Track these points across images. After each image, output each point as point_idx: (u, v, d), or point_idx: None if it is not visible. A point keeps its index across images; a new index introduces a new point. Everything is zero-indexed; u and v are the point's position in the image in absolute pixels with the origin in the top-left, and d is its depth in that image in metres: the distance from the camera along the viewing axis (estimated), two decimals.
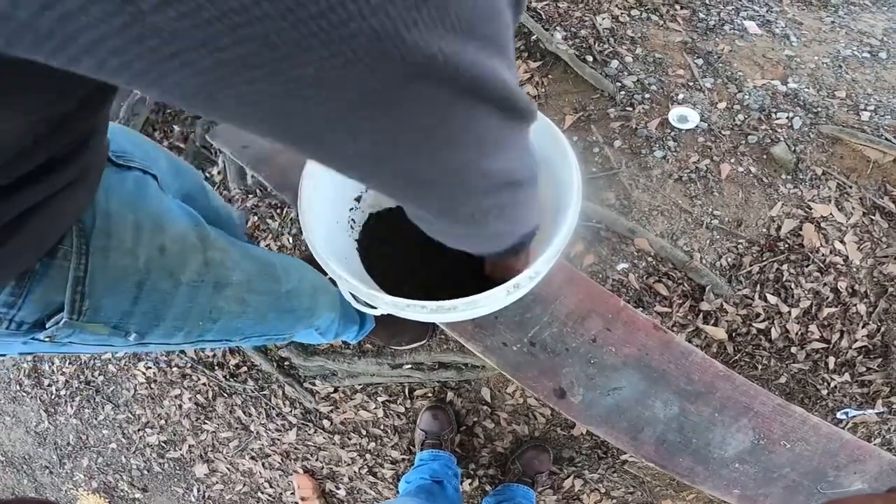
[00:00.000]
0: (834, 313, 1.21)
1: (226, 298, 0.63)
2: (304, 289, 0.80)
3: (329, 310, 0.90)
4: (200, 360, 1.58)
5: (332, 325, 0.96)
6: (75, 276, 0.48)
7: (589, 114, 1.35)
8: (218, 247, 0.64)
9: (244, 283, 0.66)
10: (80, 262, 0.48)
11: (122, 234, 0.52)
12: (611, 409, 0.90)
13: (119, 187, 0.55)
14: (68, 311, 0.48)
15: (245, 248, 0.71)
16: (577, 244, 1.26)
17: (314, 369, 1.48)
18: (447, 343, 1.37)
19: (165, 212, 0.58)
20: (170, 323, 0.58)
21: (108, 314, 0.51)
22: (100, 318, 0.51)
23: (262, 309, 0.71)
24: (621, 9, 1.48)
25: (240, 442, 1.56)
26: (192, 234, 0.60)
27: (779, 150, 1.24)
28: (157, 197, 0.59)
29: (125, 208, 0.54)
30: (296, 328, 0.83)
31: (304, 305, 0.80)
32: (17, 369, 1.82)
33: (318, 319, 0.87)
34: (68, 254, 0.47)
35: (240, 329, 0.70)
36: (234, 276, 0.64)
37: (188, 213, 0.63)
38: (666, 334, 0.90)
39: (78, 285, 0.48)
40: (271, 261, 0.75)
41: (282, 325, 0.77)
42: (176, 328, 0.59)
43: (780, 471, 0.90)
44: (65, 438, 1.76)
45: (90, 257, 0.49)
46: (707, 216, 1.24)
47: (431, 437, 1.35)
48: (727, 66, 1.37)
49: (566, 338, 0.88)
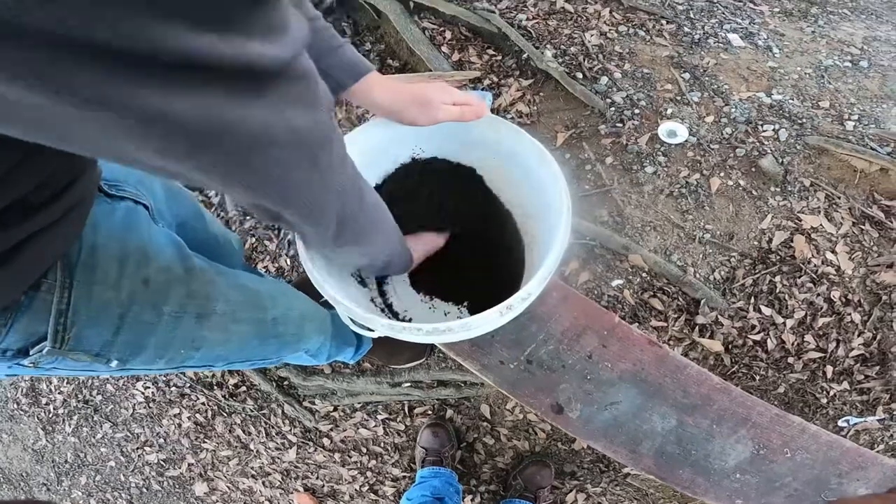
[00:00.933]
0: (829, 323, 1.22)
1: (209, 328, 0.65)
2: (291, 316, 0.81)
3: (317, 334, 0.90)
4: (199, 379, 1.58)
5: (324, 348, 0.97)
6: (58, 309, 0.49)
7: (580, 131, 1.37)
8: (203, 278, 0.65)
9: (228, 313, 0.67)
10: (63, 295, 0.50)
11: (107, 268, 0.53)
12: (609, 423, 0.90)
13: (107, 219, 0.56)
14: (51, 341, 0.50)
15: (233, 276, 0.72)
16: (572, 262, 1.27)
17: (313, 388, 1.48)
18: (445, 361, 1.37)
19: (152, 243, 0.60)
20: (151, 351, 0.59)
21: (90, 344, 0.53)
22: (81, 348, 0.52)
23: (245, 337, 0.72)
24: (609, 25, 1.51)
25: (239, 460, 1.56)
26: (177, 266, 0.61)
27: (766, 162, 1.26)
28: (145, 228, 0.60)
29: (112, 241, 0.55)
30: (282, 353, 0.84)
31: (291, 332, 0.81)
32: (15, 388, 1.82)
33: (305, 344, 0.88)
34: (52, 287, 0.49)
35: (222, 356, 0.71)
36: (217, 306, 0.65)
37: (175, 243, 0.64)
38: (661, 349, 0.91)
39: (61, 317, 0.50)
40: (258, 289, 0.76)
41: (266, 350, 0.78)
42: (158, 356, 0.61)
43: (781, 480, 0.91)
44: (63, 456, 1.75)
45: (73, 291, 0.50)
46: (699, 230, 1.26)
47: (432, 454, 1.34)
48: (713, 79, 1.40)
49: (562, 355, 0.89)
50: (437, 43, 1.53)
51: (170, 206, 0.78)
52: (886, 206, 1.25)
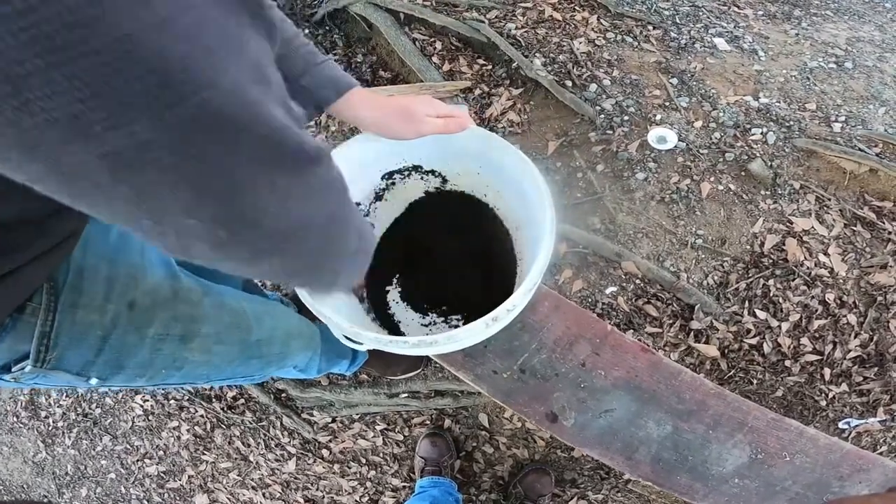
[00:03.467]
0: (824, 325, 1.22)
1: (191, 350, 0.65)
2: (276, 336, 0.82)
3: (303, 351, 0.91)
4: (198, 392, 1.58)
5: (312, 363, 0.98)
6: (42, 331, 0.51)
7: (571, 139, 1.38)
8: (190, 300, 0.65)
9: (212, 335, 0.68)
10: (47, 318, 0.51)
11: (93, 291, 0.54)
12: (604, 430, 0.90)
13: (100, 239, 0.56)
14: (33, 361, 0.51)
15: (220, 296, 0.72)
16: (565, 270, 1.28)
17: (311, 400, 1.48)
18: (442, 371, 1.37)
19: (144, 263, 0.60)
20: (132, 371, 0.60)
21: (71, 364, 0.54)
22: (62, 367, 0.54)
23: (228, 357, 0.72)
24: (597, 32, 1.52)
25: (239, 472, 1.55)
26: (165, 287, 0.62)
27: (756, 166, 1.27)
28: (138, 248, 0.61)
29: (101, 262, 0.55)
30: (267, 371, 0.84)
31: (275, 351, 0.82)
32: (14, 402, 1.82)
33: (291, 361, 0.89)
34: (36, 311, 0.50)
35: (204, 374, 0.71)
36: (202, 329, 0.66)
37: (165, 263, 0.64)
38: (654, 355, 0.91)
39: (44, 338, 0.51)
40: (244, 310, 0.76)
41: (249, 369, 0.79)
42: (138, 375, 0.62)
43: (781, 484, 0.90)
44: (63, 468, 1.75)
45: (57, 314, 0.51)
46: (691, 236, 1.26)
47: (431, 464, 1.34)
48: (700, 83, 1.41)
49: (555, 363, 0.90)
50: (428, 54, 1.55)
51: None
52: (877, 207, 1.25)
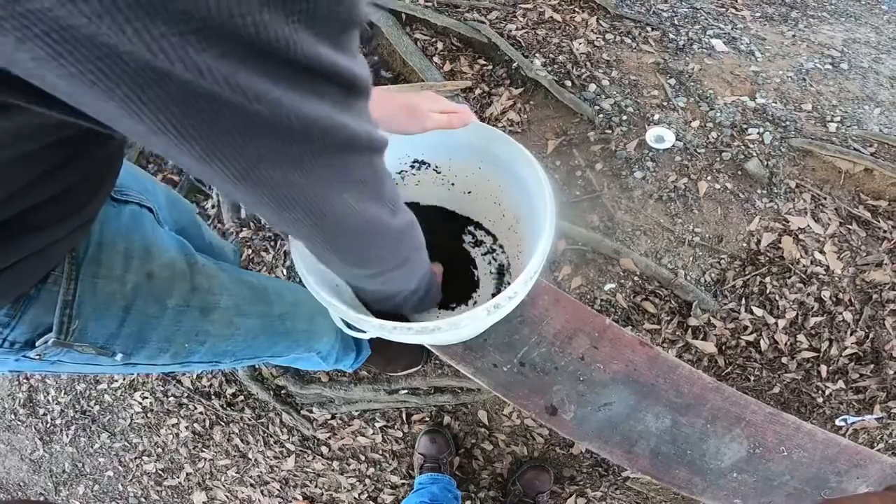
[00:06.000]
0: (821, 322, 1.23)
1: (212, 322, 0.66)
2: (300, 312, 0.81)
3: (329, 333, 0.91)
4: (197, 389, 1.58)
5: (333, 350, 0.97)
6: (64, 300, 0.51)
7: (570, 138, 1.40)
8: (206, 273, 0.66)
9: (232, 307, 0.68)
10: (69, 287, 0.51)
11: (112, 263, 0.55)
12: (603, 424, 0.91)
13: (114, 220, 0.58)
14: (56, 332, 0.51)
15: (237, 273, 0.73)
16: (564, 267, 1.29)
17: (311, 397, 1.48)
18: (442, 368, 1.38)
19: (156, 240, 0.61)
20: (155, 344, 0.60)
21: (95, 336, 0.55)
22: (86, 339, 0.54)
23: (252, 331, 0.73)
24: (596, 33, 1.54)
25: (238, 469, 1.55)
26: (180, 261, 0.63)
27: (752, 165, 1.29)
28: (150, 228, 0.62)
29: (118, 238, 0.57)
30: (294, 351, 0.84)
31: (301, 328, 0.82)
32: (12, 399, 1.82)
33: (318, 343, 0.88)
34: (59, 279, 0.51)
35: (229, 351, 0.71)
36: (221, 300, 0.67)
37: (178, 241, 0.66)
38: (652, 349, 0.92)
39: (66, 308, 0.51)
40: (264, 286, 0.77)
41: (276, 347, 0.79)
42: (161, 349, 0.62)
43: (779, 479, 0.91)
44: (60, 466, 1.75)
45: (79, 283, 0.52)
46: (688, 234, 1.28)
47: (430, 461, 1.35)
48: (698, 84, 1.42)
49: (555, 357, 0.90)
50: (430, 54, 1.56)
51: (171, 212, 0.80)
52: (872, 206, 1.27)
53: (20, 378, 1.83)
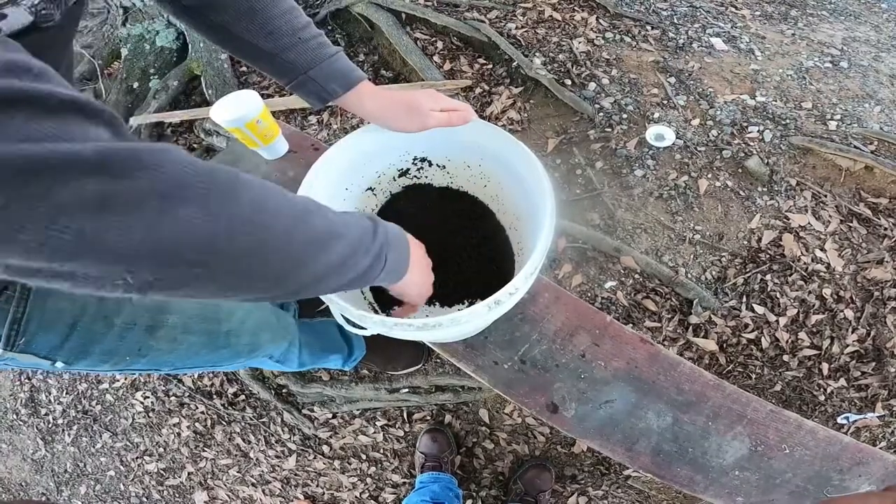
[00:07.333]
0: (822, 320, 1.23)
1: (157, 339, 0.67)
2: (245, 328, 0.83)
3: (273, 343, 0.92)
4: (198, 389, 1.59)
5: (291, 355, 1.00)
6: (14, 317, 0.54)
7: (570, 136, 1.40)
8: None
9: (179, 325, 0.70)
10: (19, 305, 0.54)
11: None
12: (604, 421, 0.91)
13: None
14: (3, 344, 0.55)
15: None
16: (565, 265, 1.29)
17: (312, 396, 1.48)
18: (443, 367, 1.38)
19: None
20: (96, 357, 0.63)
21: (38, 348, 0.58)
22: (31, 350, 0.57)
23: (194, 347, 0.74)
24: (596, 32, 1.54)
25: (239, 469, 1.55)
26: None
27: (752, 163, 1.29)
28: None
29: None
30: (237, 361, 0.86)
31: (244, 342, 0.83)
32: (14, 399, 1.82)
33: (262, 353, 0.90)
34: (11, 298, 0.54)
35: (169, 362, 0.73)
36: (170, 319, 0.68)
37: None
38: (653, 346, 0.92)
39: (14, 324, 0.54)
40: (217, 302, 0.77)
41: (216, 358, 0.80)
42: (102, 360, 0.64)
43: (781, 476, 0.91)
44: (62, 466, 1.75)
45: (29, 301, 0.55)
46: (689, 231, 1.28)
47: (431, 460, 1.34)
48: (698, 82, 1.42)
49: (555, 354, 0.90)
50: (429, 53, 1.56)
51: None
52: (873, 203, 1.27)
53: (22, 378, 1.83)
